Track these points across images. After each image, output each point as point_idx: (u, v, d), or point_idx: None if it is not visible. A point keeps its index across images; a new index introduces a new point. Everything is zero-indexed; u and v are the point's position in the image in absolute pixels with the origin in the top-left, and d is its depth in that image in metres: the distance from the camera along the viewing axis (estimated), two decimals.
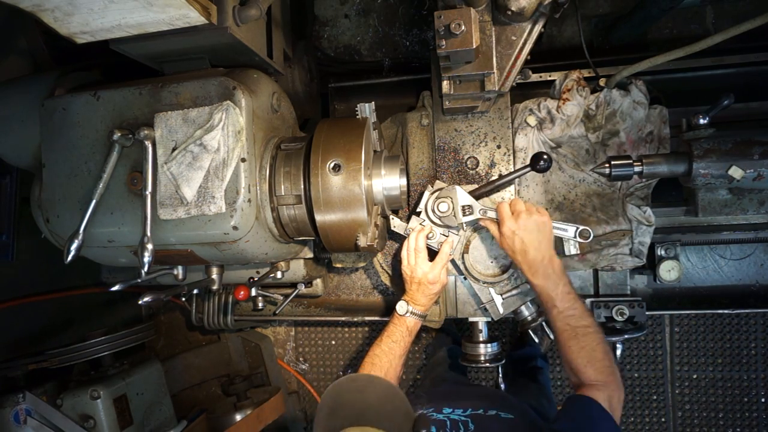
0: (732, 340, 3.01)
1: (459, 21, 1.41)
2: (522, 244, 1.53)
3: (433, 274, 1.71)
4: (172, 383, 2.49)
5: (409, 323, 1.68)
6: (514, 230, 1.54)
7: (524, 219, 1.53)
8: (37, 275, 2.38)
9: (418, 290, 1.72)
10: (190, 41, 1.55)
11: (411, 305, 1.70)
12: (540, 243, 1.52)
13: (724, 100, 1.62)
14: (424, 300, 1.72)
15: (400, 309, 1.70)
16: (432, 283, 1.71)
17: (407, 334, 1.68)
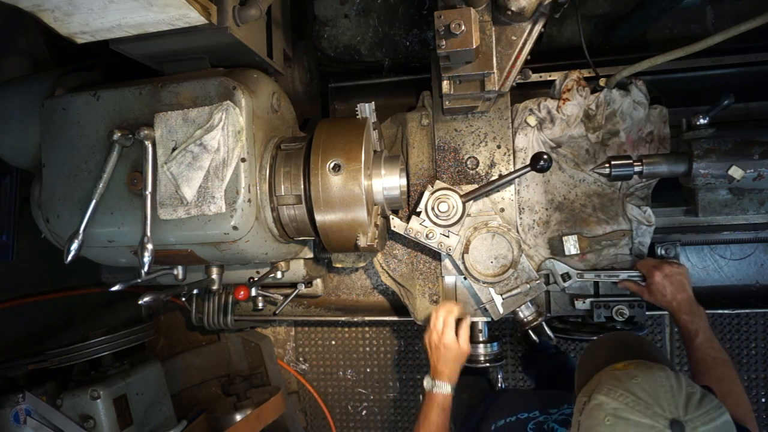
0: (732, 340, 3.01)
1: (459, 21, 1.41)
2: (672, 288, 1.69)
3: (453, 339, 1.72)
4: (172, 383, 2.49)
5: (438, 398, 1.66)
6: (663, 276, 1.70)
7: (667, 268, 1.71)
8: (37, 275, 2.38)
9: (441, 356, 1.71)
10: (190, 41, 1.56)
11: (435, 379, 1.69)
12: (685, 285, 1.70)
13: (724, 100, 1.62)
14: (447, 369, 1.70)
15: (426, 385, 1.70)
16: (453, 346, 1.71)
17: (441, 412, 1.65)
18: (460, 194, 1.83)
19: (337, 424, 3.29)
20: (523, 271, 1.87)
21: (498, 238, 1.86)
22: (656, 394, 1.07)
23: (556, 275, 1.95)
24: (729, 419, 1.09)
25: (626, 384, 1.11)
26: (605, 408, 1.09)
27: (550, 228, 1.98)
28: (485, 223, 1.86)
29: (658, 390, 1.08)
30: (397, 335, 3.20)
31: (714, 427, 1.04)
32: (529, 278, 1.87)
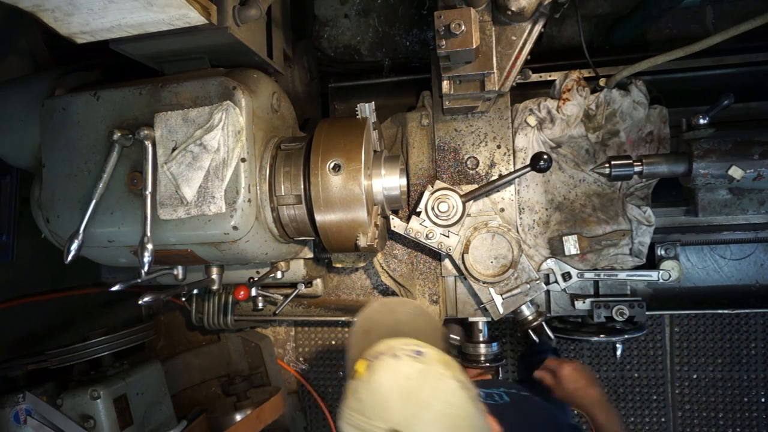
0: (732, 340, 3.01)
1: (459, 21, 1.41)
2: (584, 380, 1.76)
3: None
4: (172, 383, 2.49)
5: None
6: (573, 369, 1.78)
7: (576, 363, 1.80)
8: (37, 275, 2.38)
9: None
10: (190, 41, 1.55)
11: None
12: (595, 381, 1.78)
13: (724, 100, 1.62)
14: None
15: None
16: None
17: None
18: (460, 194, 1.83)
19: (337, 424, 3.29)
20: (523, 271, 1.87)
21: (498, 238, 1.86)
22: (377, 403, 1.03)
23: (556, 275, 1.95)
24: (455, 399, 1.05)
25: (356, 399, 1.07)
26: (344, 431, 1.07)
27: (550, 228, 1.98)
28: (485, 223, 1.86)
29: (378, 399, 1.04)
30: None
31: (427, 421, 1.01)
32: (529, 278, 1.87)
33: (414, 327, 1.32)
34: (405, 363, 1.08)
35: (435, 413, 1.01)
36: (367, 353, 1.14)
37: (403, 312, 1.39)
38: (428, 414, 1.01)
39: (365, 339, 1.26)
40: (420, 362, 1.08)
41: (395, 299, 1.58)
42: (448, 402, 1.04)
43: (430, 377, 1.06)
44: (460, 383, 1.08)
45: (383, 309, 1.40)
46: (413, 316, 1.38)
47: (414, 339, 1.17)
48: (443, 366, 1.10)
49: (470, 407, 1.06)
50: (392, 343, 1.15)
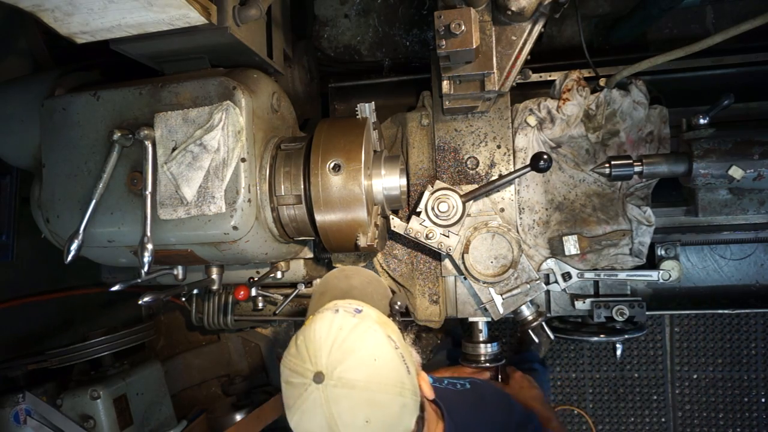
0: (732, 340, 3.01)
1: (459, 21, 1.41)
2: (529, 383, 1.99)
3: None
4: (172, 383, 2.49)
5: None
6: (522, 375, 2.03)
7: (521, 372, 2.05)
8: (37, 275, 2.38)
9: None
10: (190, 41, 1.55)
11: None
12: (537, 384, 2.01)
13: (724, 100, 1.62)
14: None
15: None
16: None
17: None
18: (460, 194, 1.83)
19: None
20: (523, 271, 1.87)
21: (498, 238, 1.86)
22: (308, 348, 1.12)
23: (556, 275, 1.95)
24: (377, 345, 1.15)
25: (292, 347, 1.17)
26: (282, 375, 1.15)
27: (550, 228, 1.98)
28: (485, 223, 1.86)
29: (309, 344, 1.13)
30: None
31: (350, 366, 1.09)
32: (529, 278, 1.87)
33: (363, 292, 1.46)
34: (341, 316, 1.18)
35: (358, 359, 1.10)
36: (317, 311, 1.23)
37: (356, 278, 1.54)
38: (352, 359, 1.10)
39: (320, 300, 1.38)
40: (356, 317, 1.18)
41: (353, 267, 1.77)
42: (372, 352, 1.13)
43: (360, 329, 1.15)
44: (389, 339, 1.17)
45: (340, 275, 1.55)
46: (365, 283, 1.53)
47: (360, 301, 1.27)
48: (377, 323, 1.19)
49: (395, 360, 1.14)
50: (339, 302, 1.25)
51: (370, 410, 1.08)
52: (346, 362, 1.09)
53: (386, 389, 1.10)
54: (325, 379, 1.07)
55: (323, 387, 1.06)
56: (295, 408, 1.10)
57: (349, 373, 1.08)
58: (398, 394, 1.11)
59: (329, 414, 1.06)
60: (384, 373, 1.11)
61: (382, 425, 1.10)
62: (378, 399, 1.09)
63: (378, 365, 1.11)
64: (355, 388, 1.07)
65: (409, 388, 1.14)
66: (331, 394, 1.06)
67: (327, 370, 1.08)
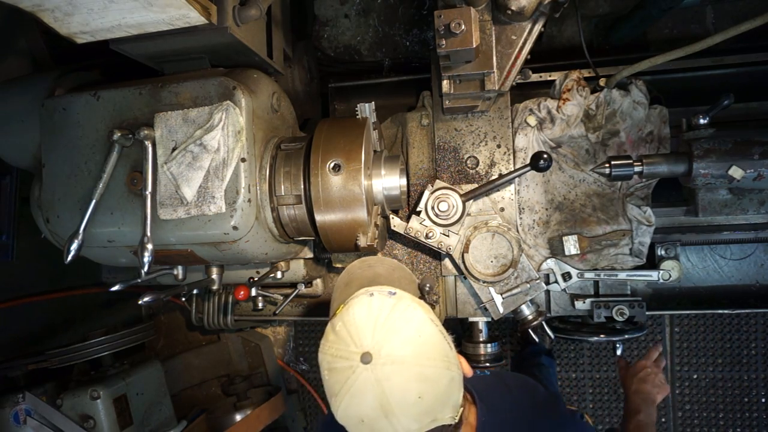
0: (732, 340, 3.01)
1: (459, 20, 1.41)
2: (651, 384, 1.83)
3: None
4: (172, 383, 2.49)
5: None
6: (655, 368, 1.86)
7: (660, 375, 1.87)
8: (37, 275, 2.38)
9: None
10: (190, 41, 1.55)
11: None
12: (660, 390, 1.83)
13: (724, 100, 1.62)
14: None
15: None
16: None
17: None
18: (460, 193, 1.83)
19: None
20: (523, 271, 1.87)
21: (498, 237, 1.86)
22: (350, 332, 1.11)
23: (556, 275, 1.95)
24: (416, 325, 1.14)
25: (332, 334, 1.15)
26: (323, 364, 1.13)
27: (550, 228, 1.98)
28: (485, 223, 1.86)
29: (351, 327, 1.12)
30: None
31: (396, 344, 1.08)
32: (529, 278, 1.87)
33: (390, 278, 1.46)
34: (378, 299, 1.17)
35: (403, 337, 1.10)
36: (352, 297, 1.22)
37: (380, 266, 1.52)
38: (397, 337, 1.09)
39: (346, 290, 1.36)
40: (392, 298, 1.18)
41: (374, 257, 1.71)
42: (416, 328, 1.13)
43: (400, 308, 1.15)
44: (429, 316, 1.17)
45: (362, 265, 1.52)
46: (390, 270, 1.51)
47: (387, 286, 1.26)
48: (414, 302, 1.18)
49: (438, 335, 1.15)
50: (370, 288, 1.24)
51: (422, 385, 1.07)
52: (392, 340, 1.08)
53: (435, 363, 1.10)
54: (374, 359, 1.05)
55: (372, 367, 1.05)
56: (342, 393, 1.07)
57: (396, 351, 1.07)
58: (446, 368, 1.11)
59: (381, 393, 1.04)
60: (430, 348, 1.11)
61: (435, 400, 1.08)
62: (428, 373, 1.08)
63: (423, 341, 1.11)
64: (405, 363, 1.06)
65: (454, 362, 1.15)
66: (381, 372, 1.05)
67: (374, 349, 1.06)
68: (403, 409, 1.05)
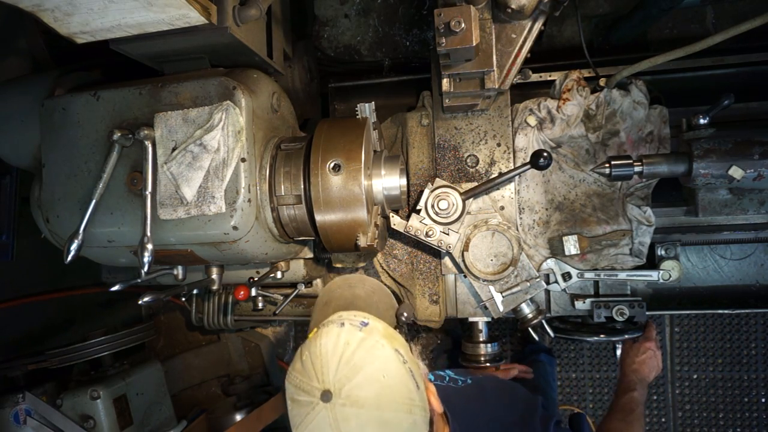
0: (732, 340, 3.01)
1: (459, 18, 1.41)
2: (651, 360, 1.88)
3: None
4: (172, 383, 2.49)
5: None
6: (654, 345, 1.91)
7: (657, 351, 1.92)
8: (37, 275, 2.38)
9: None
10: (190, 41, 1.55)
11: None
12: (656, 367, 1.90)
13: (724, 100, 1.62)
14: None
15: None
16: None
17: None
18: (460, 192, 1.83)
19: None
20: (523, 269, 1.87)
21: (498, 236, 1.86)
22: (315, 364, 1.10)
23: (556, 275, 1.95)
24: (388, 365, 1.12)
25: (297, 363, 1.14)
26: (287, 392, 1.12)
27: (550, 228, 1.98)
28: (485, 221, 1.86)
29: (315, 359, 1.11)
30: None
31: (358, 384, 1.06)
32: (529, 276, 1.87)
33: (368, 302, 1.45)
34: (347, 330, 1.15)
35: (367, 376, 1.07)
36: (322, 323, 1.22)
37: (361, 287, 1.52)
38: (361, 376, 1.07)
39: (324, 311, 1.37)
40: (363, 331, 1.15)
41: (356, 276, 1.75)
42: (381, 368, 1.10)
43: (367, 345, 1.12)
44: (397, 353, 1.14)
45: (343, 284, 1.53)
46: (370, 293, 1.51)
47: (365, 312, 1.26)
48: (384, 337, 1.16)
49: (404, 376, 1.12)
50: (343, 314, 1.23)
51: (380, 430, 1.06)
52: (355, 380, 1.06)
53: (396, 407, 1.08)
54: (333, 398, 1.04)
55: (331, 406, 1.04)
56: (302, 427, 1.07)
57: (357, 391, 1.05)
58: (408, 412, 1.09)
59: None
60: (393, 390, 1.09)
61: None
62: (388, 418, 1.07)
63: (387, 382, 1.09)
64: (364, 407, 1.05)
65: (419, 404, 1.12)
66: (340, 413, 1.04)
67: (335, 388, 1.05)
68: None
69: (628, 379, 1.83)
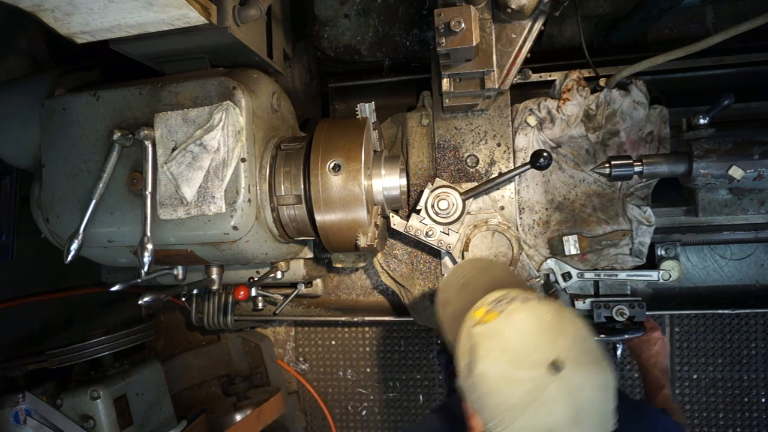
0: (732, 340, 3.01)
1: (459, 18, 1.41)
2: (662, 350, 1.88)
3: None
4: (172, 383, 2.48)
5: None
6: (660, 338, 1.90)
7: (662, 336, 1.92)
8: (37, 275, 2.38)
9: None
10: (190, 41, 1.55)
11: None
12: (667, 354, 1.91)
13: (724, 100, 1.61)
14: None
15: None
16: None
17: None
18: (460, 192, 1.83)
19: (337, 424, 3.29)
20: (523, 269, 1.87)
21: (498, 235, 1.86)
22: (526, 341, 1.09)
23: (556, 275, 1.95)
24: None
25: (499, 341, 1.12)
26: (491, 374, 1.09)
27: (550, 228, 1.98)
28: (485, 221, 1.86)
29: (526, 336, 1.10)
30: (397, 335, 3.20)
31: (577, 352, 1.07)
32: (529, 276, 1.87)
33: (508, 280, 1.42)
34: (537, 304, 1.17)
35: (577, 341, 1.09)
36: (483, 302, 1.22)
37: (492, 268, 1.51)
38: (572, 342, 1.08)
39: (463, 292, 1.36)
40: (546, 302, 1.18)
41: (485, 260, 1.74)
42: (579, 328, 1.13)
43: (562, 313, 1.15)
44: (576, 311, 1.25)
45: (471, 266, 1.50)
46: (502, 273, 1.51)
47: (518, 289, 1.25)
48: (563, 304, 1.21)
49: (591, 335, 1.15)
50: (506, 292, 1.23)
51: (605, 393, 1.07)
52: (569, 344, 1.07)
53: (604, 364, 1.10)
54: (562, 368, 1.03)
55: (561, 376, 1.03)
56: (525, 403, 1.03)
57: (579, 357, 1.06)
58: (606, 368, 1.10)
59: (574, 403, 1.03)
60: (596, 348, 1.12)
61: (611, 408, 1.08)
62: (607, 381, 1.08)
63: (589, 346, 1.11)
64: (590, 373, 1.05)
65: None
66: (571, 382, 1.03)
67: (560, 356, 1.04)
68: (593, 418, 1.04)
69: (652, 376, 1.83)
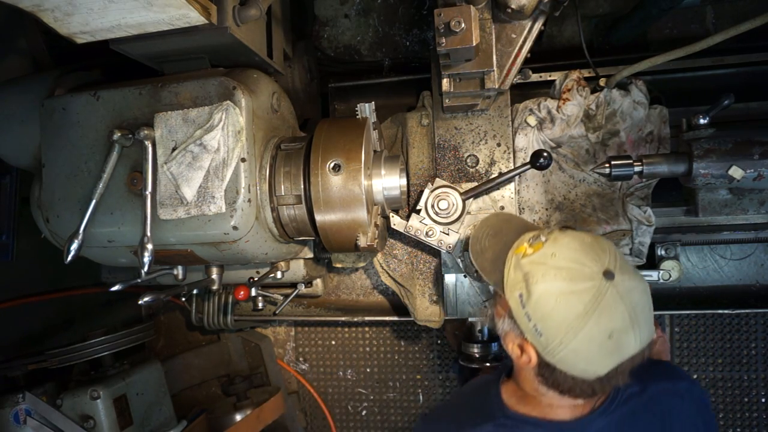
0: (732, 340, 3.01)
1: (459, 18, 1.41)
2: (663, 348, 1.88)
3: None
4: (172, 383, 2.48)
5: None
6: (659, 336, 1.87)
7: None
8: (37, 275, 2.38)
9: None
10: (190, 41, 1.55)
11: None
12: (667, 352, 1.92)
13: (724, 100, 1.61)
14: None
15: None
16: None
17: None
18: (460, 192, 1.83)
19: (337, 424, 3.29)
20: None
21: None
22: (577, 257, 1.18)
23: None
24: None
25: (552, 262, 1.19)
26: (552, 292, 1.16)
27: (550, 228, 1.98)
28: None
29: (576, 253, 1.19)
30: (397, 335, 3.20)
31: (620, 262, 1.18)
32: None
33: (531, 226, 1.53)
34: (573, 231, 1.28)
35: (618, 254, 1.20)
36: (521, 240, 1.30)
37: (515, 218, 1.66)
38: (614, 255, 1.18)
39: (497, 238, 1.43)
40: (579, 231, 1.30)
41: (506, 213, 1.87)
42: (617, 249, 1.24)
43: (595, 235, 1.28)
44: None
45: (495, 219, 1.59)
46: (524, 221, 1.65)
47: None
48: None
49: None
50: (539, 230, 1.32)
51: (647, 297, 1.18)
52: (613, 258, 1.17)
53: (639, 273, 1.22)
54: (615, 273, 1.13)
55: (615, 282, 1.12)
56: (590, 312, 1.11)
57: (622, 264, 1.16)
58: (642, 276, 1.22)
59: (630, 304, 1.12)
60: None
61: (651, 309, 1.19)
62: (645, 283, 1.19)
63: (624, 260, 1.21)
64: (635, 278, 1.16)
65: None
66: (623, 286, 1.13)
67: (610, 266, 1.14)
68: (644, 319, 1.14)
69: None
